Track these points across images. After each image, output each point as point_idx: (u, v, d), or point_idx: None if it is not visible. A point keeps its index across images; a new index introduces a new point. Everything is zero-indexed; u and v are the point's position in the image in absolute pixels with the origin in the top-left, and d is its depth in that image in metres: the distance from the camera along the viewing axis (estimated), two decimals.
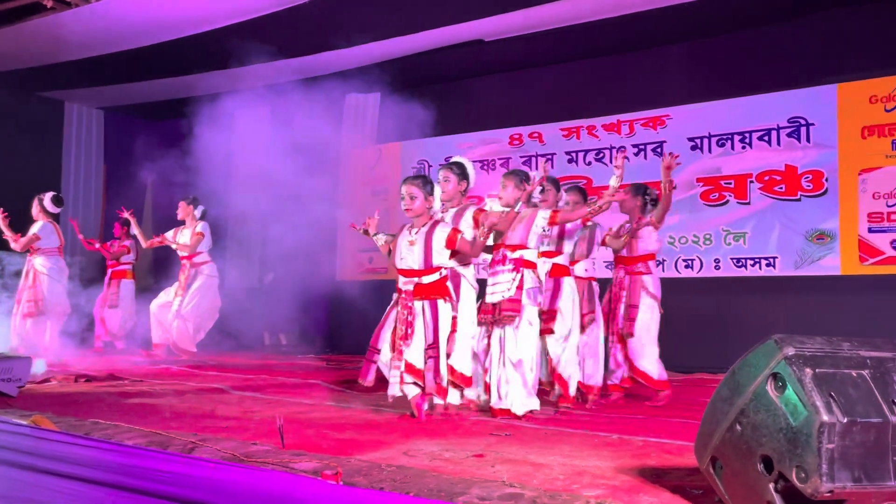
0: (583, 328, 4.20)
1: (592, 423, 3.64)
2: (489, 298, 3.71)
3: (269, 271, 9.36)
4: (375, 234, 3.96)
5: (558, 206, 4.27)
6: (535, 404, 3.70)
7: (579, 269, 4.29)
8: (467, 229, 3.77)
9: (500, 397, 3.70)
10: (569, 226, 4.16)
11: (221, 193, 8.90)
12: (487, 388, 3.70)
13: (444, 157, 6.24)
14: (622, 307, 4.38)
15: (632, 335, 4.33)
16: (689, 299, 6.43)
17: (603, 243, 4.45)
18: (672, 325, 6.47)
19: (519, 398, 3.67)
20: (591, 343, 4.30)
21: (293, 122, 7.72)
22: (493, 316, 3.71)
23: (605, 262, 5.89)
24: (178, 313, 6.74)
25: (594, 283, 4.42)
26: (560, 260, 4.14)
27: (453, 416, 3.66)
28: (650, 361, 4.37)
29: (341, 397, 4.50)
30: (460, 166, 3.91)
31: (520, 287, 3.70)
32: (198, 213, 7.02)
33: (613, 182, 3.97)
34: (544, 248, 4.12)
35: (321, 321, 8.94)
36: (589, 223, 4.43)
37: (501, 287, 3.69)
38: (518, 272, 3.70)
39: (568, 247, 4.16)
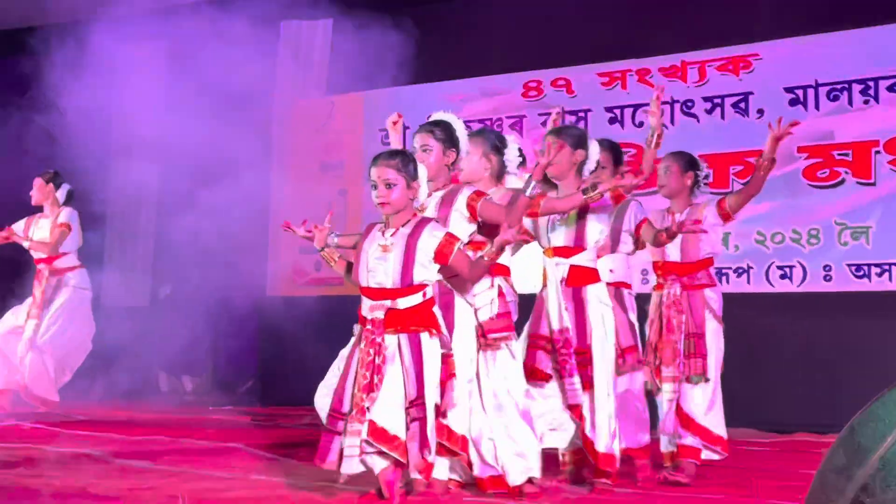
0: (619, 369, 4.17)
1: None
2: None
3: (165, 283, 9.35)
4: (323, 250, 3.93)
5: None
6: (536, 468, 3.76)
7: (601, 268, 4.18)
8: (459, 222, 3.79)
9: (484, 461, 3.75)
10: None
11: (94, 168, 8.89)
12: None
13: (427, 116, 6.23)
14: (681, 337, 4.40)
15: (706, 378, 4.37)
16: (786, 325, 6.48)
17: (637, 233, 4.34)
18: (759, 365, 6.58)
19: (513, 461, 3.72)
20: (630, 391, 4.30)
21: (200, 65, 7.72)
22: (479, 341, 3.77)
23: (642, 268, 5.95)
24: (33, 344, 6.72)
25: (627, 294, 4.32)
26: (583, 259, 4.09)
27: (440, 497, 3.67)
28: (718, 416, 4.41)
29: (274, 468, 4.48)
30: (445, 128, 3.93)
31: (502, 295, 3.79)
32: (61, 195, 6.99)
33: (648, 149, 4.03)
34: (557, 241, 4.07)
35: (244, 358, 8.92)
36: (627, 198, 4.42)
37: (483, 300, 3.78)
38: (491, 278, 3.79)
39: (595, 234, 4.07)
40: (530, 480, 3.77)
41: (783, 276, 6.52)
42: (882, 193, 6.33)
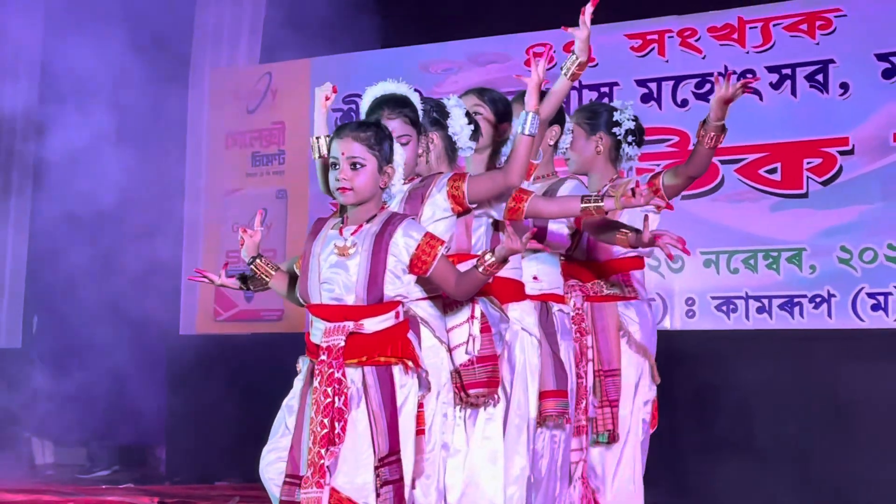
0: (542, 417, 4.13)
1: None
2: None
3: (38, 315, 9.32)
4: (254, 262, 3.92)
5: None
6: None
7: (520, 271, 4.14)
8: (434, 222, 3.77)
9: None
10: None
11: None
12: None
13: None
14: (588, 374, 4.36)
15: (615, 438, 4.33)
16: (881, 374, 6.47)
17: (578, 225, 4.29)
18: (846, 429, 6.57)
19: None
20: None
21: (90, 11, 7.70)
22: (456, 395, 3.77)
23: None
24: None
25: (558, 311, 4.28)
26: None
27: None
28: (639, 493, 4.38)
29: None
30: (403, 105, 3.92)
31: (486, 329, 3.77)
32: None
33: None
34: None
35: (149, 416, 8.88)
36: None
37: (459, 336, 3.76)
38: (472, 304, 3.78)
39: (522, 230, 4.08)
40: None
41: (875, 307, 6.53)
42: None
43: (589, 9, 3.91)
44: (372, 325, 3.53)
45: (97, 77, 7.61)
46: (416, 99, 3.92)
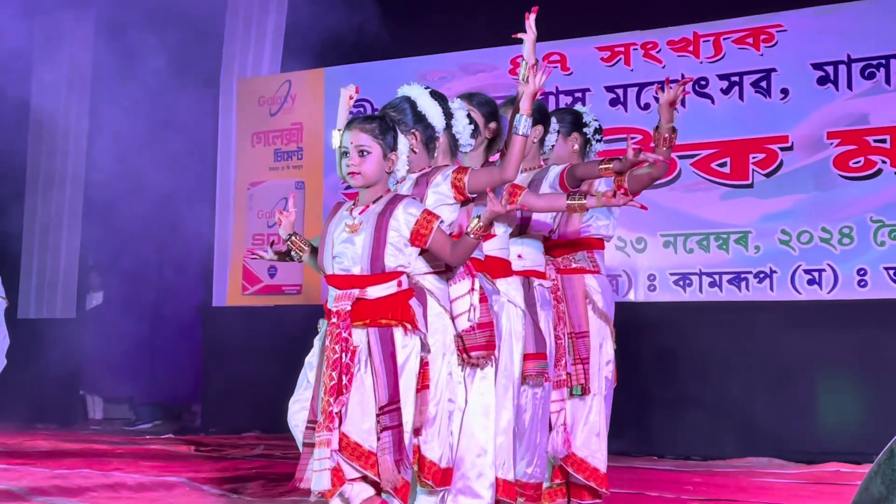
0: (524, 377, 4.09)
1: None
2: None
3: (94, 292, 9.31)
4: (290, 238, 3.92)
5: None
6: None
7: (507, 251, 4.10)
8: (437, 205, 3.75)
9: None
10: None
11: (10, 156, 8.84)
12: None
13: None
14: (564, 336, 4.35)
15: (587, 391, 4.32)
16: (815, 338, 6.49)
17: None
18: (784, 384, 6.60)
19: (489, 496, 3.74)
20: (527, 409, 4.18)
21: (135, 40, 7.70)
22: (460, 357, 3.75)
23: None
24: None
25: (538, 285, 4.22)
26: (494, 248, 4.01)
27: None
28: (602, 442, 4.31)
29: None
30: (412, 106, 3.89)
31: (484, 300, 3.75)
32: None
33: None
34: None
35: (186, 378, 8.90)
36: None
37: (461, 306, 3.74)
38: (472, 278, 3.75)
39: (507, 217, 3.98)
40: None
41: (811, 282, 6.54)
42: None
43: (532, 17, 3.89)
44: (375, 292, 3.54)
45: (143, 85, 7.60)
46: (418, 95, 3.91)
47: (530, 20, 3.85)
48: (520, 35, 3.86)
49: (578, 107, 4.72)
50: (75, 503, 4.50)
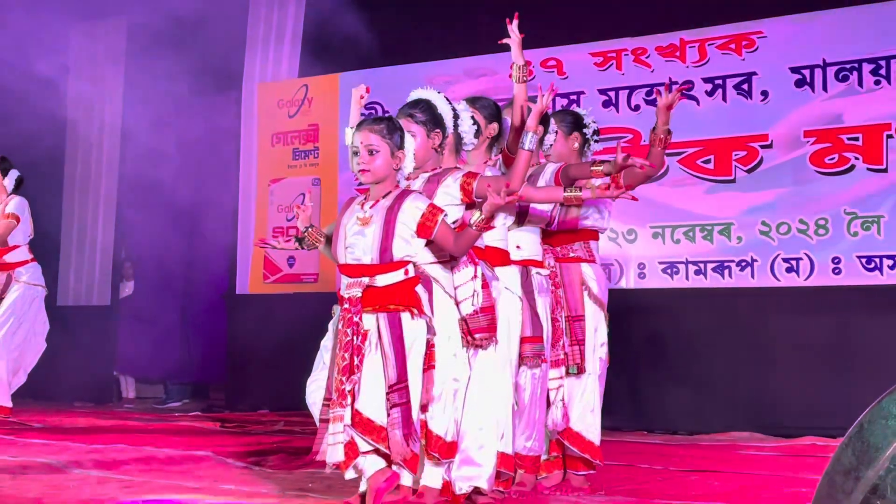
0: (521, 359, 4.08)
1: None
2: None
3: (126, 281, 9.33)
4: (307, 230, 3.91)
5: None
6: (484, 479, 3.73)
7: (506, 242, 4.07)
8: (445, 203, 3.74)
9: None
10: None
11: (49, 157, 8.84)
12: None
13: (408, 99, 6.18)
14: (562, 319, 4.33)
15: (583, 370, 4.29)
16: (793, 321, 6.48)
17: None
18: (764, 364, 6.59)
19: (463, 468, 3.71)
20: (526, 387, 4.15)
21: (164, 46, 7.70)
22: (464, 339, 3.74)
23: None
24: None
25: (536, 274, 4.18)
26: (494, 239, 3.99)
27: None
28: (596, 418, 4.29)
29: (244, 477, 4.48)
30: (426, 108, 3.89)
31: (486, 286, 3.75)
32: (8, 183, 6.89)
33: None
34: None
35: (212, 360, 8.92)
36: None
37: (465, 292, 3.74)
38: (474, 266, 3.75)
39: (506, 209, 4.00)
40: (477, 491, 3.72)
41: (789, 270, 6.52)
42: (895, 180, 6.32)
43: (515, 23, 3.89)
44: (384, 280, 3.55)
45: (171, 89, 7.59)
46: (434, 99, 3.90)
47: (513, 25, 3.86)
48: (505, 41, 3.88)
49: (579, 109, 4.71)
50: (111, 475, 4.49)
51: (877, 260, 6.31)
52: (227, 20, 7.94)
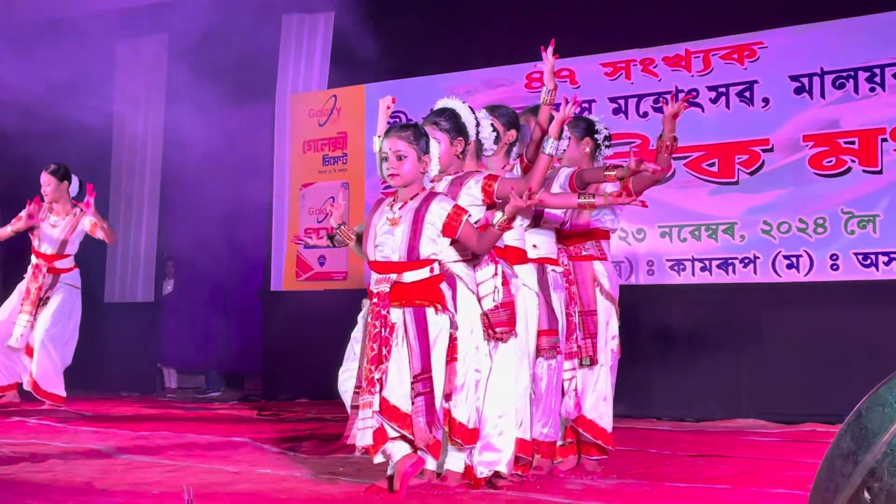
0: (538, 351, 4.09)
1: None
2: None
3: (168, 279, 9.38)
4: (339, 228, 3.96)
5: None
6: (503, 462, 3.75)
7: (524, 241, 4.08)
8: (468, 205, 3.77)
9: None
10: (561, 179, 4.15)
11: (96, 161, 8.92)
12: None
13: (430, 108, 6.20)
14: (575, 314, 4.33)
15: (595, 362, 4.29)
16: (793, 315, 6.47)
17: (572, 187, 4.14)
18: (766, 355, 6.58)
19: (483, 453, 3.72)
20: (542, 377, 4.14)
21: (201, 58, 7.76)
22: (486, 332, 3.76)
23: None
24: (26, 339, 6.73)
25: (551, 271, 4.20)
26: (511, 239, 3.99)
27: (448, 490, 3.67)
28: (608, 406, 4.30)
29: (280, 461, 4.51)
30: (450, 116, 3.90)
31: (506, 283, 3.77)
32: (73, 190, 6.96)
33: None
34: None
35: (248, 353, 8.95)
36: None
37: (486, 288, 3.76)
38: (495, 264, 3.77)
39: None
40: (497, 475, 3.74)
41: (790, 266, 6.51)
42: (889, 181, 6.29)
43: (550, 50, 3.91)
44: (410, 276, 3.57)
45: (209, 100, 7.64)
46: (458, 108, 3.91)
47: (547, 53, 3.88)
48: (539, 65, 3.90)
49: (592, 116, 4.71)
50: (155, 460, 4.52)
51: (873, 256, 6.29)
52: (262, 36, 7.98)
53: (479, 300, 3.75)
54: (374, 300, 3.59)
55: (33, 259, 6.85)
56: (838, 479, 2.02)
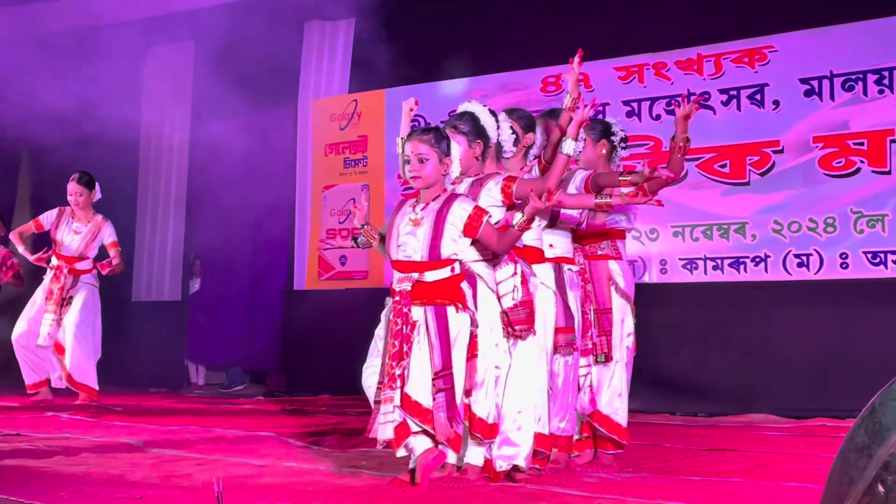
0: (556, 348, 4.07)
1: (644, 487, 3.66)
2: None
3: (195, 276, 9.42)
4: (363, 227, 3.97)
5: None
6: (521, 457, 3.74)
7: (541, 241, 4.07)
8: (488, 206, 3.76)
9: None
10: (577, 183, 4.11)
11: (123, 164, 8.96)
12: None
13: (449, 112, 6.23)
14: (591, 311, 4.31)
15: (610, 358, 4.27)
16: (804, 312, 6.44)
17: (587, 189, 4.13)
18: (777, 351, 6.55)
19: (502, 448, 3.71)
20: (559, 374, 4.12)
21: (228, 60, 7.79)
22: (505, 330, 3.75)
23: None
24: (72, 333, 6.80)
25: (567, 270, 4.18)
26: (529, 239, 3.97)
27: (468, 483, 3.66)
28: (619, 402, 4.27)
29: (304, 455, 4.51)
30: (469, 119, 3.90)
31: (525, 282, 3.76)
32: (95, 196, 7.06)
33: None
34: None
35: (273, 350, 8.97)
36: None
37: (506, 287, 3.76)
38: (514, 263, 3.76)
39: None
40: (516, 468, 3.74)
41: (800, 265, 6.49)
42: None
43: (576, 59, 3.90)
44: (432, 276, 3.57)
45: (234, 105, 7.68)
46: (478, 111, 3.90)
47: (574, 63, 3.87)
48: (565, 76, 3.88)
49: (609, 119, 4.69)
50: (184, 453, 4.53)
51: (881, 255, 6.27)
52: (284, 43, 8.01)
53: (499, 299, 3.75)
54: (397, 298, 3.59)
55: (54, 261, 6.97)
56: (852, 473, 2.02)
